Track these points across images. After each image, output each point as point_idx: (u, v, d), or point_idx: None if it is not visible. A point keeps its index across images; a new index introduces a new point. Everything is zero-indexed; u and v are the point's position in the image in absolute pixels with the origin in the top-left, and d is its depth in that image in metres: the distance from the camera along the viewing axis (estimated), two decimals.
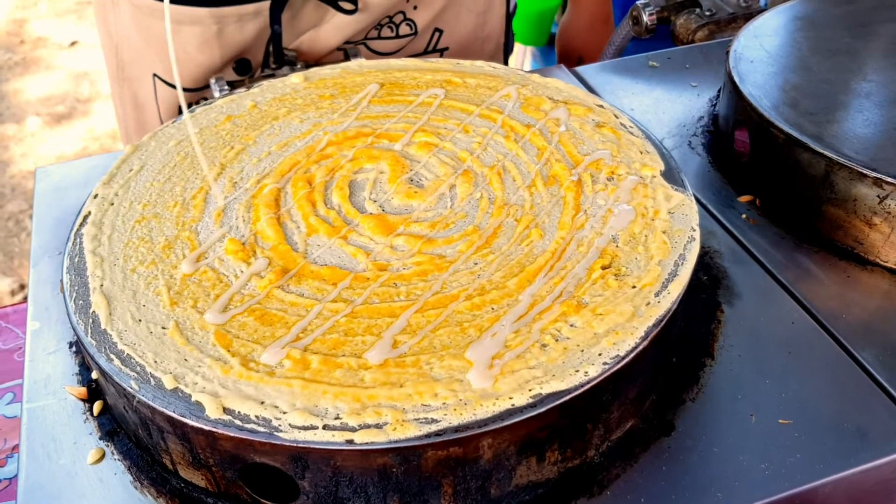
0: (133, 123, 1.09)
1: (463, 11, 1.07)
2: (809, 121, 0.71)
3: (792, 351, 0.61)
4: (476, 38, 1.10)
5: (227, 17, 0.95)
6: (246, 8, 0.94)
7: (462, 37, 1.09)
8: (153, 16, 0.96)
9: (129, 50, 1.02)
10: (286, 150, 0.70)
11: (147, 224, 0.63)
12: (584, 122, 0.71)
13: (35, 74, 3.08)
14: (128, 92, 1.07)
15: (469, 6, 1.07)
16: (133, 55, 1.03)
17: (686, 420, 0.56)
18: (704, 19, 1.03)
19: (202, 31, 0.95)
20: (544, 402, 0.48)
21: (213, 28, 0.95)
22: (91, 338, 0.54)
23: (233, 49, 0.97)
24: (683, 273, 0.57)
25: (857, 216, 0.67)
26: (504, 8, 1.11)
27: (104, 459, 0.55)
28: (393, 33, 1.04)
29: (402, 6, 1.02)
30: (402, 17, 1.03)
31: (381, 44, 1.04)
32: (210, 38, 0.96)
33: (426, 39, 1.06)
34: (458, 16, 1.07)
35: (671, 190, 0.64)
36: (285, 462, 0.48)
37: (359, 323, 0.54)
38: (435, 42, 1.08)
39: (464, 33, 1.09)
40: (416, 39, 1.05)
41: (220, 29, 0.95)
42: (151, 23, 0.97)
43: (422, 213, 0.64)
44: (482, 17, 1.10)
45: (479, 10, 1.08)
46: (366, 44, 1.04)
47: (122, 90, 1.07)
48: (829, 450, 0.54)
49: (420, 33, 1.05)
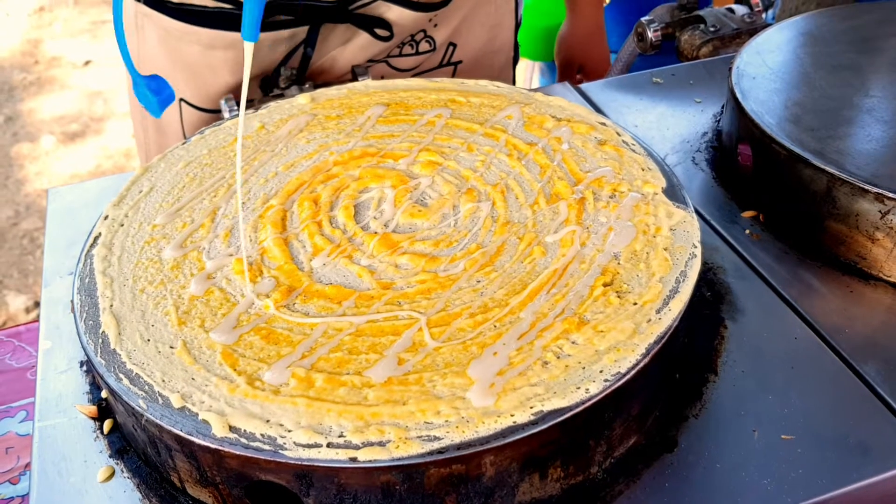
0: (155, 147, 1.08)
1: (476, 25, 1.08)
2: (812, 136, 0.72)
3: (795, 366, 0.61)
4: (488, 52, 1.12)
5: (262, 41, 0.94)
6: (282, 33, 0.95)
7: (475, 50, 1.10)
8: (182, 40, 0.96)
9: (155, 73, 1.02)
10: (293, 170, 0.71)
11: (156, 245, 0.64)
12: (586, 139, 0.72)
13: (49, 94, 3.11)
14: (152, 118, 1.05)
15: (482, 20, 1.09)
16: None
17: (689, 436, 0.57)
18: (709, 35, 1.03)
19: (235, 54, 0.95)
20: (546, 420, 0.49)
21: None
22: (101, 357, 0.55)
23: (261, 69, 0.98)
24: (685, 290, 0.57)
25: (859, 231, 0.68)
26: (513, 20, 1.12)
27: (114, 477, 0.56)
28: (413, 50, 1.05)
29: (424, 25, 1.03)
30: (423, 35, 1.04)
31: (402, 61, 1.05)
32: (238, 62, 0.95)
33: (441, 54, 1.07)
34: (471, 30, 1.08)
35: (673, 207, 0.64)
36: (290, 480, 0.49)
37: (363, 341, 0.55)
38: (449, 56, 1.09)
39: (477, 46, 1.10)
40: (432, 55, 1.07)
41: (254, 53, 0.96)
42: (181, 47, 0.97)
43: (426, 231, 0.64)
44: (494, 31, 1.11)
45: (491, 23, 1.10)
46: (387, 62, 1.05)
47: (145, 114, 1.06)
48: (832, 465, 0.54)
49: (437, 49, 1.07)
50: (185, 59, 0.97)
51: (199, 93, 1.00)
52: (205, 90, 0.99)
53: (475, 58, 1.11)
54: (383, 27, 0.98)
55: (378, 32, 0.97)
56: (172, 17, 0.95)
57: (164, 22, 0.95)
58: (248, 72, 0.60)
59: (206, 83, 0.98)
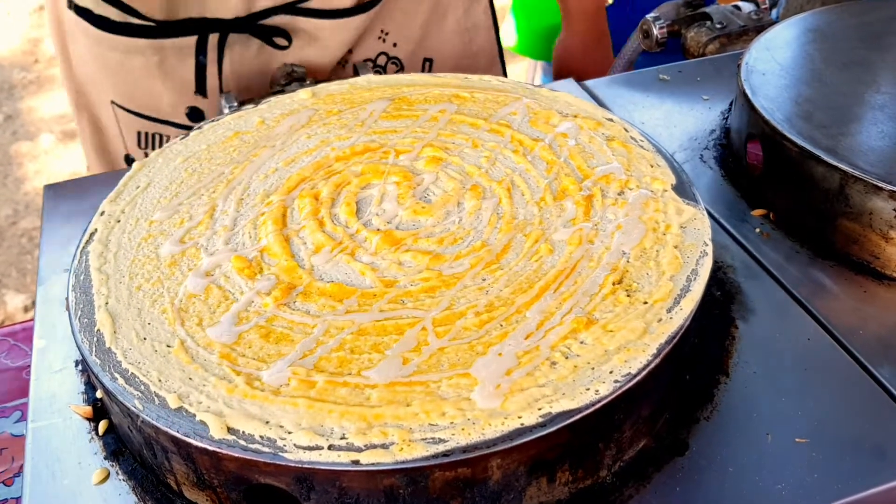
0: (95, 149, 1.10)
1: (446, 34, 1.07)
2: (823, 133, 0.70)
3: (808, 367, 0.59)
4: (466, 55, 1.11)
5: (166, 48, 0.97)
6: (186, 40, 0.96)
7: (452, 58, 1.10)
8: (104, 45, 0.98)
9: (87, 77, 1.04)
10: (293, 165, 0.70)
11: (153, 241, 0.63)
12: (593, 136, 0.70)
13: (49, 92, 3.10)
14: (88, 118, 1.08)
15: (452, 27, 1.08)
16: (90, 83, 1.04)
17: (700, 439, 0.55)
18: (715, 32, 1.02)
19: (144, 61, 0.97)
20: (554, 422, 0.47)
21: (153, 59, 0.97)
22: (95, 356, 0.54)
23: (179, 80, 0.99)
24: (696, 288, 0.56)
25: (872, 230, 0.66)
26: (490, 19, 1.11)
27: (109, 479, 0.55)
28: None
29: (380, 47, 1.03)
30: (387, 58, 1.05)
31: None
32: (152, 69, 0.98)
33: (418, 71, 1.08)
34: (441, 40, 1.07)
35: (683, 204, 0.63)
36: (290, 483, 0.47)
37: (365, 341, 0.53)
38: (428, 71, 1.09)
39: (454, 54, 1.09)
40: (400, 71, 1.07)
41: (160, 60, 0.97)
42: (104, 52, 0.99)
43: (430, 228, 0.63)
44: (468, 35, 1.10)
45: (463, 27, 1.09)
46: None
47: (83, 116, 1.08)
48: (848, 469, 0.53)
49: (407, 68, 1.07)
50: (110, 65, 1.00)
51: (126, 97, 1.02)
52: (130, 94, 1.02)
53: (455, 65, 1.10)
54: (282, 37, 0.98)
55: (276, 41, 0.98)
56: (93, 25, 0.97)
57: (90, 29, 0.98)
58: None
59: (130, 87, 1.01)
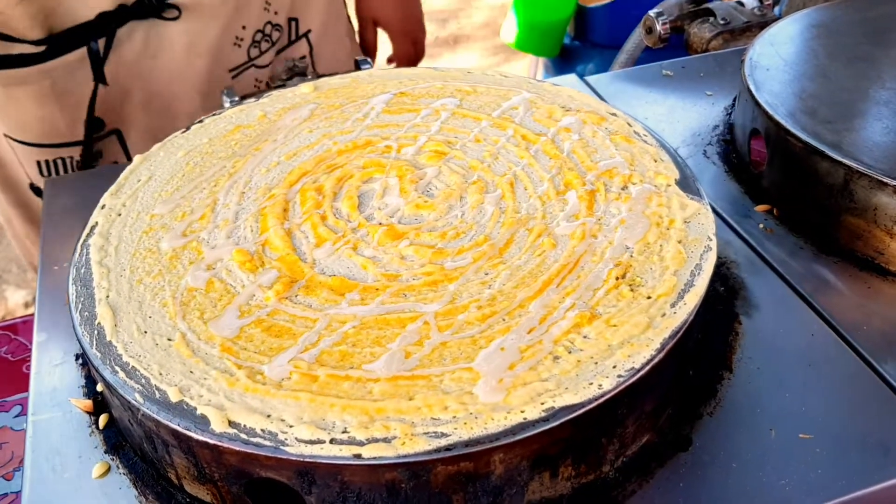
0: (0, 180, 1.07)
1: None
2: (827, 129, 0.70)
3: (812, 363, 0.59)
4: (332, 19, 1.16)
5: (56, 69, 0.95)
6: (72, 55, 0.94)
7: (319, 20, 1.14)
8: None
9: None
10: (295, 159, 0.69)
11: (154, 234, 0.62)
12: (596, 130, 0.70)
13: None
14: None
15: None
16: None
17: (703, 435, 0.55)
18: (718, 28, 1.01)
19: (35, 88, 0.95)
20: (557, 416, 0.47)
21: (45, 83, 0.95)
22: (96, 349, 0.53)
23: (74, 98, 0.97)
24: (700, 283, 0.55)
25: (877, 226, 0.66)
26: None
27: (109, 473, 0.55)
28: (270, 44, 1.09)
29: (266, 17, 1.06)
30: (271, 27, 1.08)
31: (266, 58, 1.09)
32: (45, 93, 0.96)
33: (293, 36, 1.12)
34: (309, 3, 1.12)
35: (686, 199, 0.62)
36: (292, 477, 0.47)
37: (367, 335, 0.53)
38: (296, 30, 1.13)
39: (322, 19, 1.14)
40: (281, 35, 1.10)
41: (52, 82, 0.96)
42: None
43: (432, 222, 0.63)
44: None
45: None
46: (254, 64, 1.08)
47: None
48: (852, 465, 0.52)
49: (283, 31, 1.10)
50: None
51: (19, 129, 1.00)
52: (23, 125, 0.99)
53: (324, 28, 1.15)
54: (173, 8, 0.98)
55: (165, 15, 0.98)
56: None
57: None
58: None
59: (23, 117, 0.99)
